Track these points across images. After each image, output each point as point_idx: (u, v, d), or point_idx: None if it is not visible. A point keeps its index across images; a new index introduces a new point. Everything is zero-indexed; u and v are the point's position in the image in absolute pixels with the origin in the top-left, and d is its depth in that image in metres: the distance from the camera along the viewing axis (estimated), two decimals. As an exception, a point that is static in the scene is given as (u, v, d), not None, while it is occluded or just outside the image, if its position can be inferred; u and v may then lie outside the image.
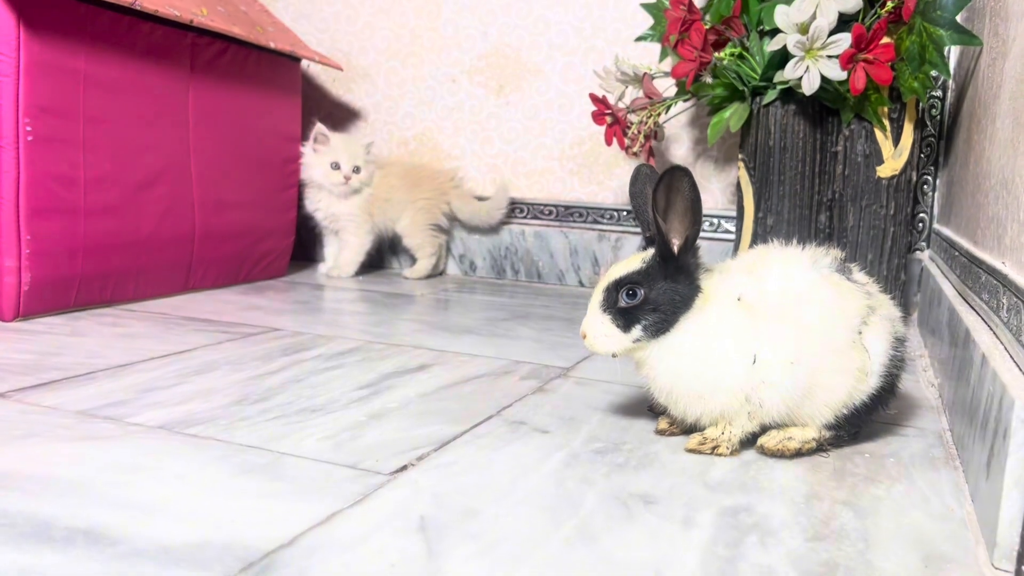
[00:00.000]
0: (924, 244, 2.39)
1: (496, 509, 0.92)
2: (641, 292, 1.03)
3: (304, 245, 3.00)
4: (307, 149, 2.60)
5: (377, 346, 1.72)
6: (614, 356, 1.08)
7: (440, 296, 2.45)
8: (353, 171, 2.60)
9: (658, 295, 1.03)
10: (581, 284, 2.78)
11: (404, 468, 1.03)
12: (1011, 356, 0.98)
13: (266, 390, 1.35)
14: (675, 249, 1.03)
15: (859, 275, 1.17)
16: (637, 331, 1.04)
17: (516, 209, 2.84)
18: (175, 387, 1.34)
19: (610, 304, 1.04)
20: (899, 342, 1.15)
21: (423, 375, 1.50)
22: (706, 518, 0.92)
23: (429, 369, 1.54)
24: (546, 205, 2.80)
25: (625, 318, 1.04)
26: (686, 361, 1.06)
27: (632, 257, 1.07)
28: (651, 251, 1.06)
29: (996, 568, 0.81)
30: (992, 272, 1.22)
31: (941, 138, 2.34)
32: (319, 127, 2.58)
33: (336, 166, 2.58)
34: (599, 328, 1.05)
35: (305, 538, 0.82)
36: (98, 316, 1.87)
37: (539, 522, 0.89)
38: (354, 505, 0.91)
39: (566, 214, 2.78)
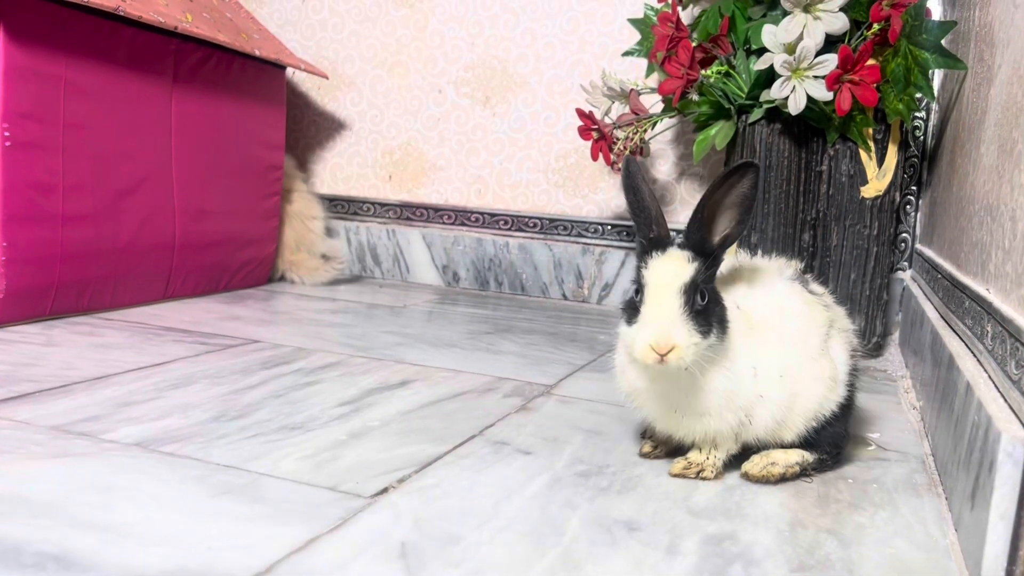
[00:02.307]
0: (906, 264, 2.41)
1: (478, 535, 0.90)
2: (707, 292, 0.96)
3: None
4: None
5: (358, 360, 1.70)
6: (686, 369, 0.95)
7: (423, 308, 2.44)
8: None
9: (714, 295, 0.98)
10: (565, 297, 2.77)
11: (385, 491, 1.01)
12: (996, 386, 0.98)
13: (245, 406, 1.32)
14: (716, 247, 0.98)
15: (816, 286, 1.19)
16: (713, 334, 0.95)
17: (500, 221, 2.83)
18: (152, 401, 1.31)
19: (690, 307, 0.93)
20: (856, 353, 1.18)
21: (405, 391, 1.48)
22: (690, 546, 0.91)
23: (411, 385, 1.53)
24: (530, 217, 2.79)
25: (701, 321, 0.94)
26: (712, 375, 0.99)
27: (670, 256, 0.97)
28: (685, 250, 0.98)
29: (981, 601, 0.81)
30: (976, 299, 1.22)
31: (924, 159, 2.36)
32: None
33: None
34: (688, 336, 0.92)
35: (282, 565, 0.80)
36: (74, 325, 1.84)
37: (522, 549, 0.87)
38: (333, 530, 0.89)
39: (550, 227, 2.77)
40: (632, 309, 0.98)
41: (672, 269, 0.95)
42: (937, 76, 2.26)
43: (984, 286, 1.23)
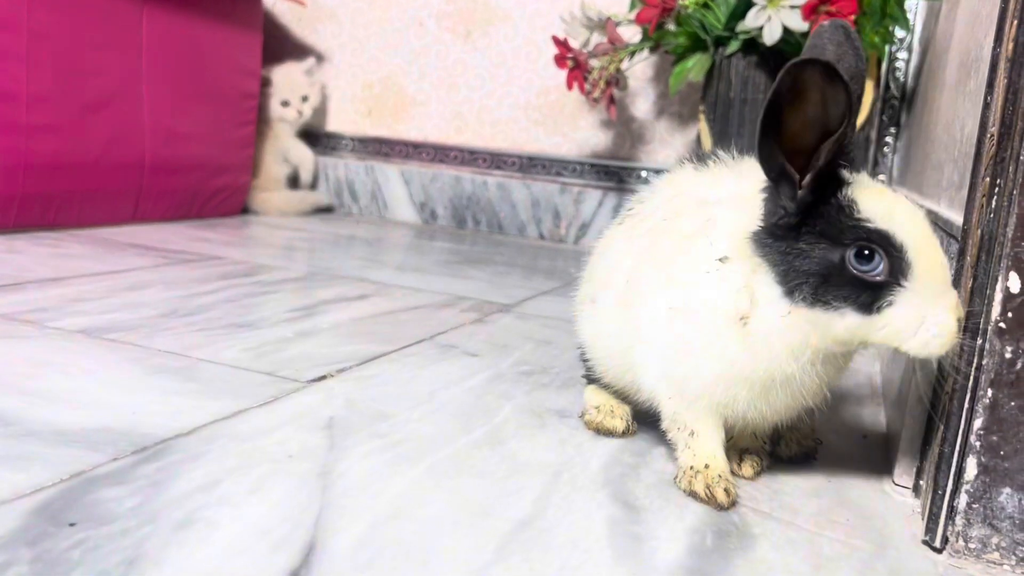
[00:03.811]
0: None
1: (409, 415, 0.91)
2: None
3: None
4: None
5: (320, 277, 1.70)
6: None
7: (397, 241, 2.43)
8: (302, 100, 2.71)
9: None
10: (541, 236, 2.76)
11: (323, 378, 1.01)
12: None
13: (196, 307, 1.32)
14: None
15: None
16: None
17: (479, 159, 2.81)
18: (102, 300, 1.31)
19: None
20: None
21: (361, 303, 1.48)
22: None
23: (369, 299, 1.53)
24: (509, 155, 2.77)
25: None
26: None
27: (893, 193, 0.71)
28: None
29: (896, 484, 0.82)
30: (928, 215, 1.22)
31: (903, 101, 2.35)
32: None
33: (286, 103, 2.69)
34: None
35: (206, 429, 0.81)
36: (37, 237, 1.83)
37: (450, 428, 0.88)
38: (263, 405, 0.89)
39: (529, 165, 2.76)
40: (863, 286, 0.65)
41: (920, 212, 0.69)
42: (920, 15, 2.24)
43: (937, 202, 1.22)
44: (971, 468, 0.65)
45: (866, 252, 0.65)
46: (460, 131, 2.83)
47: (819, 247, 0.67)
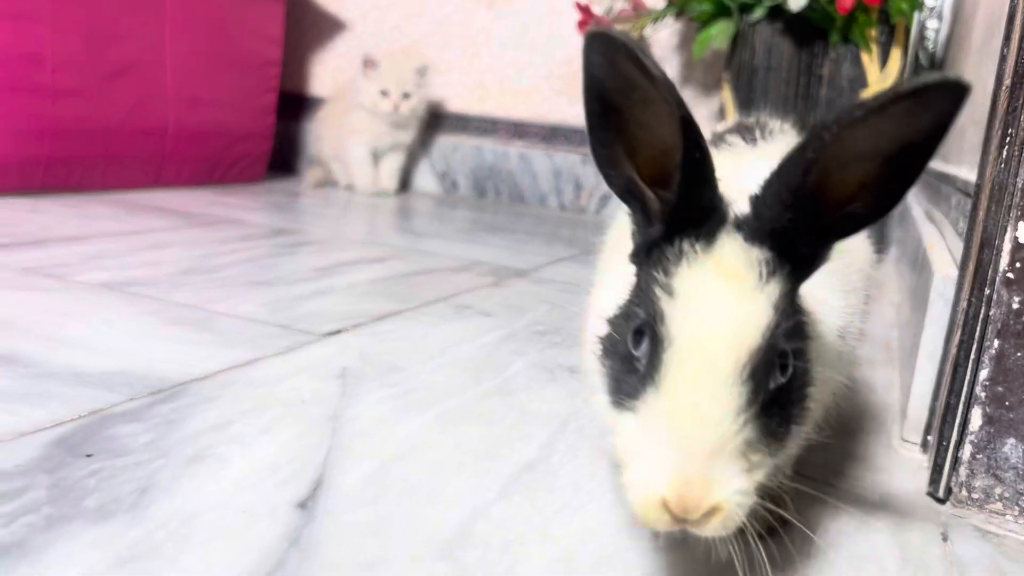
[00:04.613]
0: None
1: (420, 367, 0.92)
2: (793, 350, 0.50)
3: (284, 154, 2.97)
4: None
5: (339, 241, 1.71)
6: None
7: (417, 209, 2.44)
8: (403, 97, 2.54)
9: (801, 348, 0.51)
10: (563, 207, 2.76)
11: (337, 332, 1.03)
12: (948, 248, 0.97)
13: (215, 266, 1.34)
14: (824, 238, 0.51)
15: None
16: (790, 437, 0.50)
17: (501, 128, 2.80)
18: (123, 257, 1.33)
19: (759, 396, 0.47)
20: None
21: (378, 265, 1.49)
22: (629, 388, 0.92)
23: (386, 262, 1.54)
24: (532, 125, 2.76)
25: (776, 421, 0.48)
26: None
27: (723, 263, 0.49)
28: (754, 245, 0.49)
29: (905, 440, 0.82)
30: (944, 179, 1.20)
31: (932, 68, 2.31)
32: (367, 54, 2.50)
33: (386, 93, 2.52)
34: (743, 481, 0.46)
35: (221, 375, 0.82)
36: (62, 199, 1.86)
37: (460, 380, 0.89)
38: (278, 355, 0.91)
39: (551, 135, 2.75)
40: (627, 370, 0.49)
41: (732, 308, 0.47)
42: (950, -16, 2.19)
43: (958, 167, 1.21)
44: (976, 419, 0.65)
45: (641, 329, 0.49)
46: (482, 100, 2.83)
47: (632, 304, 0.51)
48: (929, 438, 0.77)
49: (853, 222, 0.49)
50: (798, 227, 0.48)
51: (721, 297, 0.47)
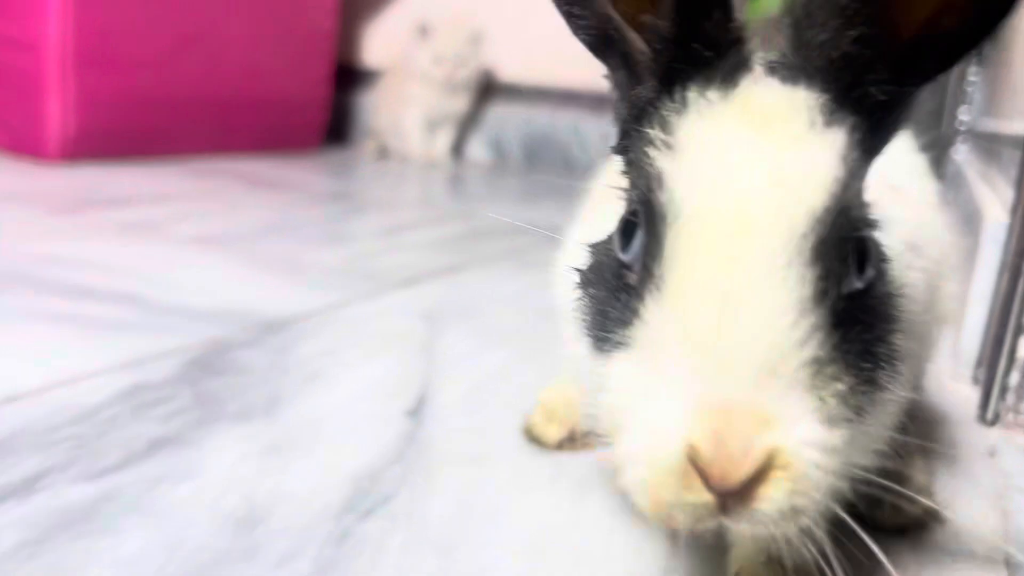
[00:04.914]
0: (960, 142, 2.37)
1: (492, 310, 0.99)
2: (869, 240, 0.35)
3: (339, 125, 3.05)
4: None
5: (400, 204, 1.79)
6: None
7: (470, 176, 2.51)
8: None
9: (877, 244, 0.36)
10: (610, 175, 2.80)
11: (415, 281, 1.10)
12: (998, 198, 1.01)
13: (291, 225, 1.43)
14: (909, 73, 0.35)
15: None
16: (882, 387, 0.34)
17: (552, 96, 2.85)
18: (204, 217, 1.42)
19: (825, 288, 0.31)
20: None
21: (440, 226, 1.57)
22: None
23: (447, 223, 1.61)
24: (582, 94, 2.80)
25: (857, 352, 0.32)
26: None
27: (756, 110, 0.34)
28: (806, 88, 0.35)
29: (958, 376, 0.87)
30: (996, 139, 1.23)
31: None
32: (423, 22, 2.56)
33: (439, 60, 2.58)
34: (790, 406, 0.29)
35: (319, 314, 0.91)
36: (137, 165, 1.95)
37: (530, 323, 0.96)
38: (367, 298, 0.99)
39: (601, 104, 2.78)
40: (615, 293, 0.36)
41: (774, 156, 0.33)
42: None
43: (1011, 124, 1.24)
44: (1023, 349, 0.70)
45: (631, 220, 0.35)
46: (532, 69, 2.87)
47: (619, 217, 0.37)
48: (979, 373, 0.82)
49: (940, 51, 0.34)
50: (861, 61, 0.33)
51: (754, 143, 0.32)
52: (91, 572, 0.43)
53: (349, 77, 3.10)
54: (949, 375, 0.89)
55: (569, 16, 0.40)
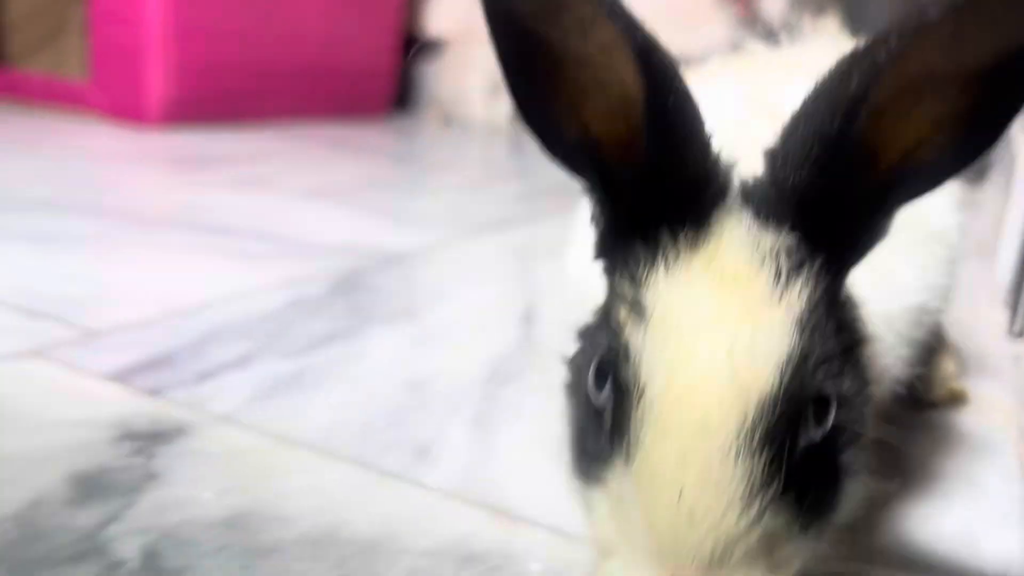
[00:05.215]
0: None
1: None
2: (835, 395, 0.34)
3: (405, 93, 3.18)
4: None
5: (470, 163, 1.93)
6: None
7: (527, 140, 2.63)
8: None
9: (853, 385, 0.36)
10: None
11: (501, 226, 1.24)
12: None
13: (382, 181, 1.58)
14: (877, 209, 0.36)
15: None
16: (837, 511, 0.35)
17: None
18: (301, 175, 1.57)
19: (776, 465, 0.31)
20: None
21: (511, 183, 1.71)
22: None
23: (524, 179, 1.75)
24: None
25: (816, 485, 0.33)
26: None
27: (724, 262, 0.34)
28: (770, 227, 0.34)
29: (993, 302, 0.98)
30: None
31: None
32: None
33: None
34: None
35: (429, 250, 1.05)
36: (227, 130, 2.12)
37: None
38: (464, 239, 1.13)
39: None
40: (591, 422, 0.35)
41: (731, 334, 0.32)
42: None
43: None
44: (1049, 269, 0.81)
45: (601, 369, 0.35)
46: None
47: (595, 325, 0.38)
48: (1010, 297, 0.93)
49: (922, 178, 0.34)
50: (837, 194, 0.33)
51: (714, 316, 0.32)
52: (311, 412, 0.58)
53: (414, 46, 3.22)
54: (986, 301, 1.00)
55: (540, 137, 0.37)
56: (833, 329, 0.33)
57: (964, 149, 0.33)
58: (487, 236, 1.16)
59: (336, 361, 0.67)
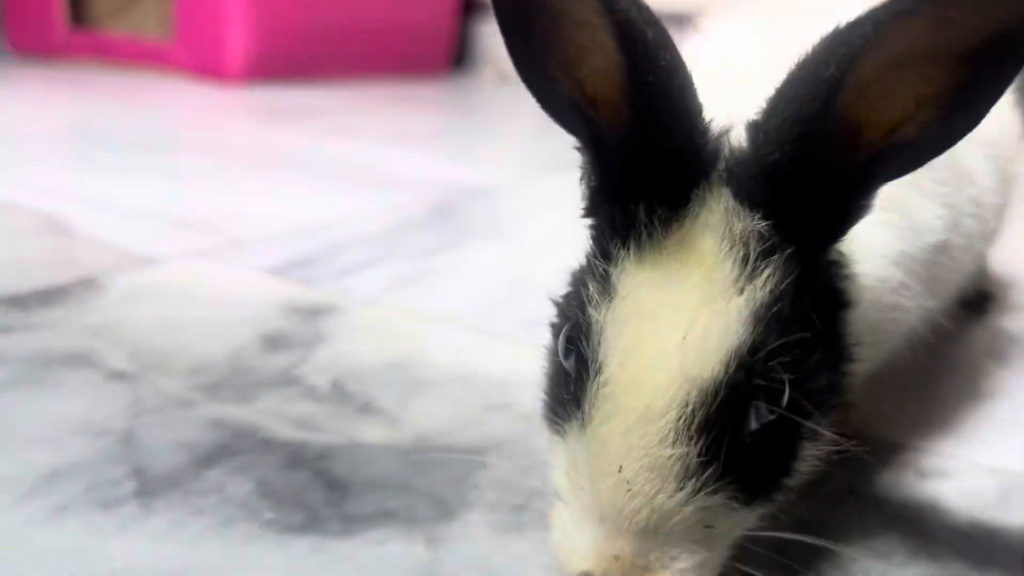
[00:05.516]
0: None
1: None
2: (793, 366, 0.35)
3: (463, 52, 3.28)
4: None
5: (529, 116, 2.03)
6: None
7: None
8: None
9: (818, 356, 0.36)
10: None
11: (568, 166, 1.35)
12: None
13: (453, 130, 1.70)
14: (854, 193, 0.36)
15: None
16: (776, 495, 0.37)
17: (665, 23, 3.00)
18: (385, 124, 1.70)
19: (715, 451, 0.33)
20: None
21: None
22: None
23: (580, 130, 1.84)
24: (663, 14, 2.95)
25: (756, 471, 0.35)
26: None
27: (684, 242, 0.35)
28: (744, 205, 0.34)
29: None
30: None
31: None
32: None
33: None
34: (671, 549, 0.34)
35: (508, 185, 1.17)
36: (301, 86, 2.24)
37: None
38: (538, 177, 1.25)
39: (677, 22, 2.93)
40: (560, 381, 0.37)
41: (685, 322, 0.33)
42: None
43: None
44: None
45: (570, 339, 0.36)
46: (641, -4, 3.02)
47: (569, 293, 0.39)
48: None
49: (905, 156, 0.34)
50: (819, 170, 0.33)
51: (673, 303, 0.33)
52: (437, 298, 0.71)
53: (470, 7, 3.32)
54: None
55: (530, 85, 0.37)
56: (802, 310, 0.34)
57: (949, 127, 0.33)
58: (555, 175, 1.27)
59: (449, 264, 0.79)
